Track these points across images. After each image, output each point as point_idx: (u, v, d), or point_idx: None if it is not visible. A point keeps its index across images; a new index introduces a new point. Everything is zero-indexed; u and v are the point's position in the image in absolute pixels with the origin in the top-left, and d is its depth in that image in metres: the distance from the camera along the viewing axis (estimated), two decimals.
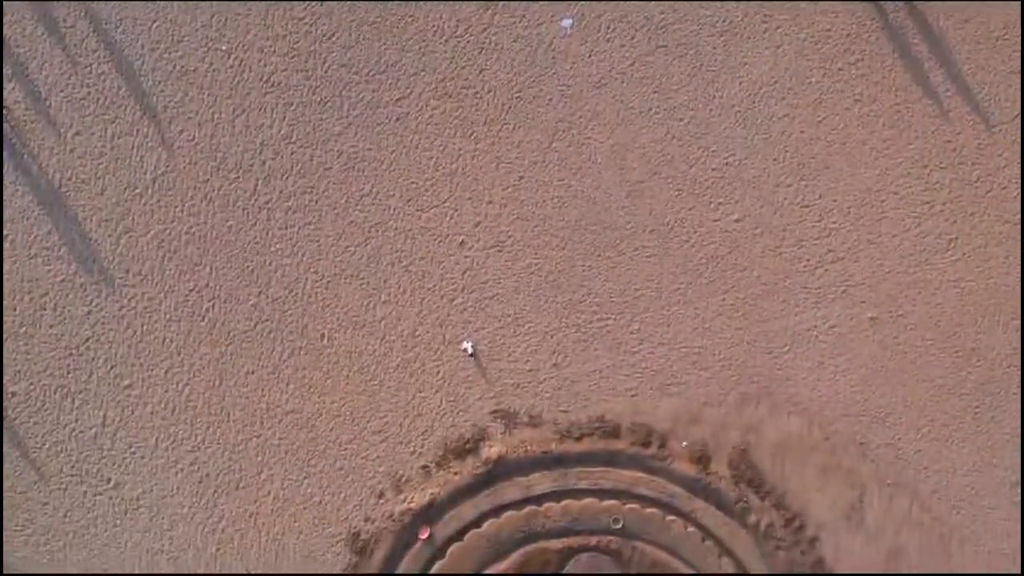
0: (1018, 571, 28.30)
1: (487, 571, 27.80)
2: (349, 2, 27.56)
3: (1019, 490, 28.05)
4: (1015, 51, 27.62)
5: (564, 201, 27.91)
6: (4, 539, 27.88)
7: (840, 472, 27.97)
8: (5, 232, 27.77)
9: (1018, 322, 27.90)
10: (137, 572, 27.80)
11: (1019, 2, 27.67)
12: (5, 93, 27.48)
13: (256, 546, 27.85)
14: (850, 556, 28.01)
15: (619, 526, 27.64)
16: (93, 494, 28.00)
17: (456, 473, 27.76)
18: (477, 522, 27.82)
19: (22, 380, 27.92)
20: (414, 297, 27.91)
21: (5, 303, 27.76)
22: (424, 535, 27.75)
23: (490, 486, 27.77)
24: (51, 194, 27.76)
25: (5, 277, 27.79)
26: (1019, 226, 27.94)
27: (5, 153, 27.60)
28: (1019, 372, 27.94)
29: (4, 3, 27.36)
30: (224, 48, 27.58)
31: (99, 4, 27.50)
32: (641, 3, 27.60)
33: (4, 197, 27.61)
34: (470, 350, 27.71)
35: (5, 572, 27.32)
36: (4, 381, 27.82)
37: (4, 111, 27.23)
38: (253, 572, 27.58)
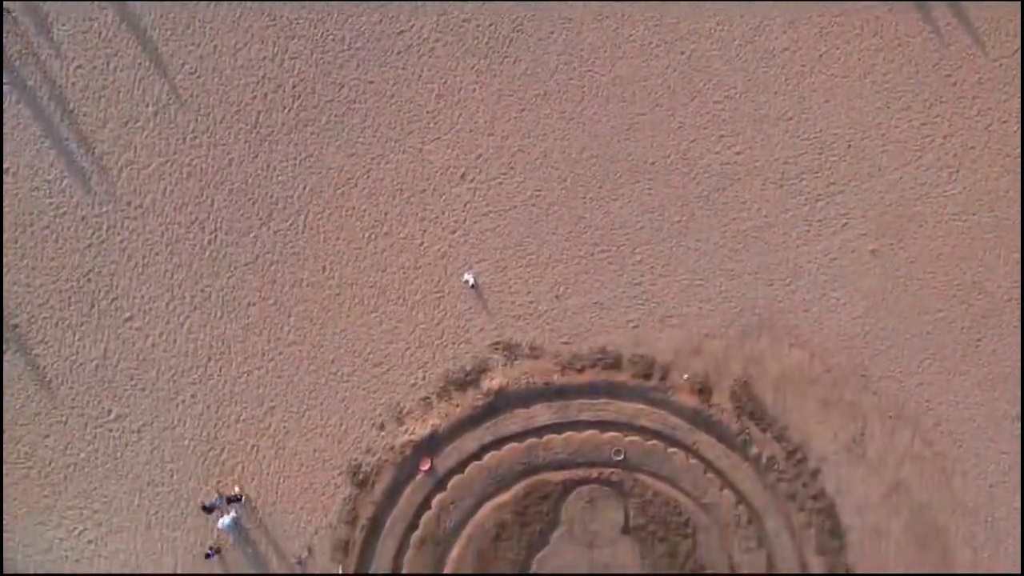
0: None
1: (488, 503, 27.76)
2: None
3: (1020, 424, 28.02)
4: None
5: (565, 134, 27.92)
6: (4, 470, 27.85)
7: (841, 405, 27.94)
8: (7, 165, 27.79)
9: (1018, 255, 27.90)
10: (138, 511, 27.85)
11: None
12: (5, 29, 27.53)
13: (257, 478, 27.81)
14: (851, 489, 27.95)
15: (620, 458, 27.59)
16: (94, 426, 27.95)
17: (457, 405, 27.73)
18: (478, 454, 27.78)
19: (23, 313, 27.90)
20: (415, 229, 27.91)
21: (7, 236, 27.76)
22: (425, 467, 27.69)
23: (491, 418, 27.73)
24: (53, 127, 27.77)
25: (7, 210, 27.81)
26: (1019, 160, 27.96)
27: (6, 87, 27.63)
28: (1019, 306, 27.94)
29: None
30: None
31: None
32: None
33: (5, 131, 27.63)
34: (471, 282, 27.68)
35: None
36: (5, 314, 27.80)
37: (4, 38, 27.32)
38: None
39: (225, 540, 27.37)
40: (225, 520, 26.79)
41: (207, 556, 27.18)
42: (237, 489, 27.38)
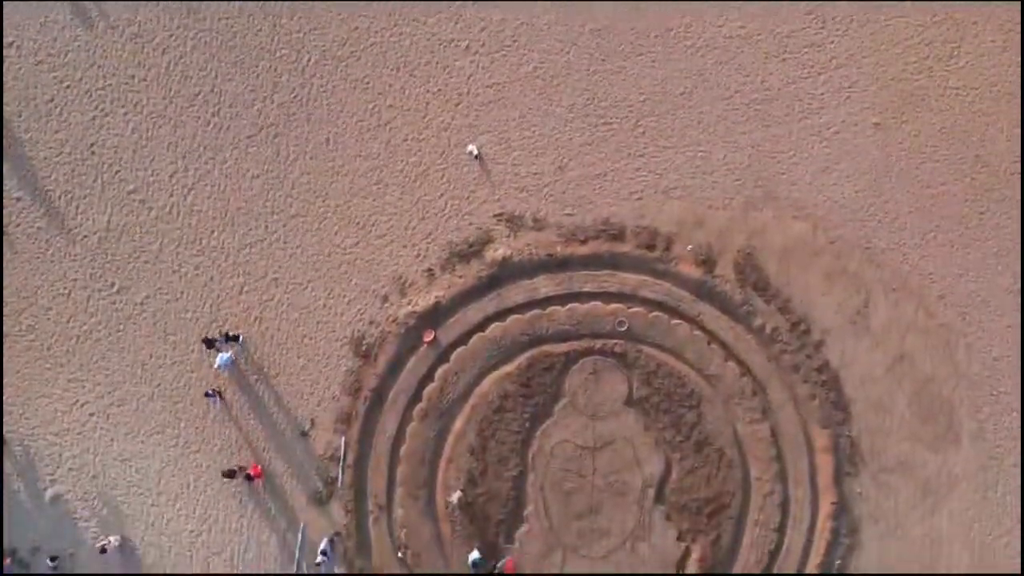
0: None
1: (491, 374, 27.69)
2: None
3: (1020, 299, 28.01)
4: None
5: (569, 6, 27.97)
6: (5, 346, 27.80)
7: (845, 277, 27.92)
8: (9, 39, 27.84)
9: (1019, 130, 27.95)
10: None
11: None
12: None
13: (259, 350, 27.75)
14: (855, 361, 27.91)
15: (624, 329, 27.54)
16: (96, 299, 27.92)
17: (461, 276, 27.70)
18: (481, 326, 27.72)
19: (26, 186, 27.90)
20: (419, 101, 27.94)
21: (9, 110, 27.79)
22: (428, 339, 27.64)
23: (494, 290, 27.70)
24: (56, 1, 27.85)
25: (9, 84, 27.85)
26: (1019, 35, 28.01)
27: None
28: (1020, 179, 27.96)
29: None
30: None
31: None
32: None
33: (6, 10, 27.70)
34: (475, 153, 27.69)
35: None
36: (8, 188, 27.80)
37: None
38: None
39: (223, 381, 27.26)
40: (223, 356, 26.67)
41: (207, 395, 27.05)
42: (239, 331, 27.32)
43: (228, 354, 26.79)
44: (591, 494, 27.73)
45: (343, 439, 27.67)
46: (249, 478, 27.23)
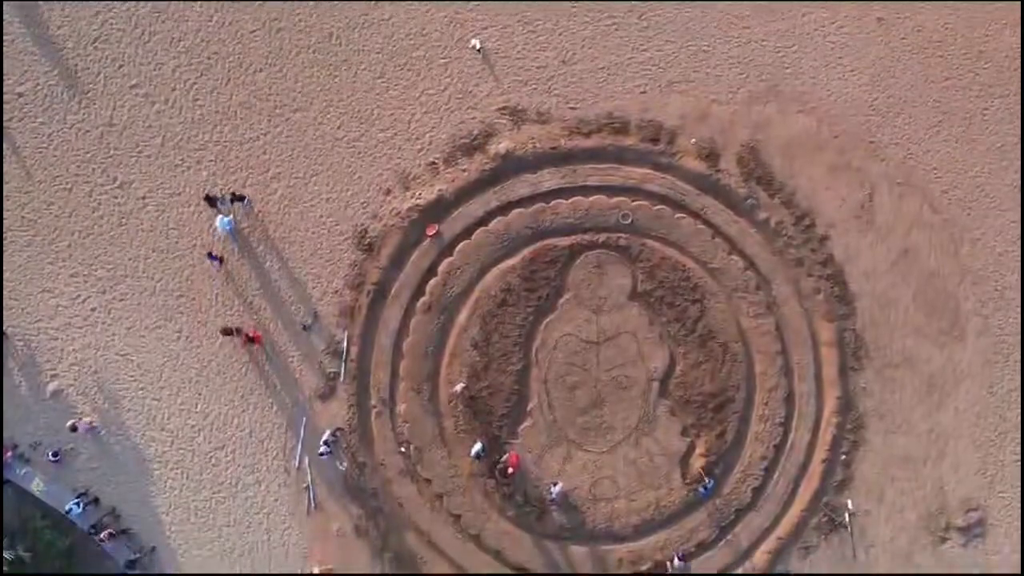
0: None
1: (495, 268, 27.58)
2: None
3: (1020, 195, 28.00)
4: None
5: None
6: (7, 240, 27.67)
7: (849, 171, 27.86)
8: None
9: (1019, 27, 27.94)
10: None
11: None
12: None
13: (263, 244, 27.61)
14: (860, 256, 27.83)
15: (628, 222, 27.45)
16: (99, 194, 27.79)
17: (464, 170, 27.61)
18: (485, 219, 27.62)
19: (28, 80, 27.78)
20: None
21: (10, 5, 27.68)
22: (432, 232, 27.54)
23: (498, 183, 27.61)
24: None
25: None
26: None
27: None
28: (1019, 75, 27.94)
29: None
30: None
31: None
32: None
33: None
34: (478, 47, 27.62)
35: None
36: (10, 83, 27.69)
37: None
38: None
39: (224, 244, 27.16)
40: (223, 219, 26.50)
41: (209, 256, 26.86)
42: (244, 190, 27.16)
43: (228, 217, 26.63)
44: (595, 388, 27.61)
45: (346, 333, 27.55)
46: (249, 340, 27.02)
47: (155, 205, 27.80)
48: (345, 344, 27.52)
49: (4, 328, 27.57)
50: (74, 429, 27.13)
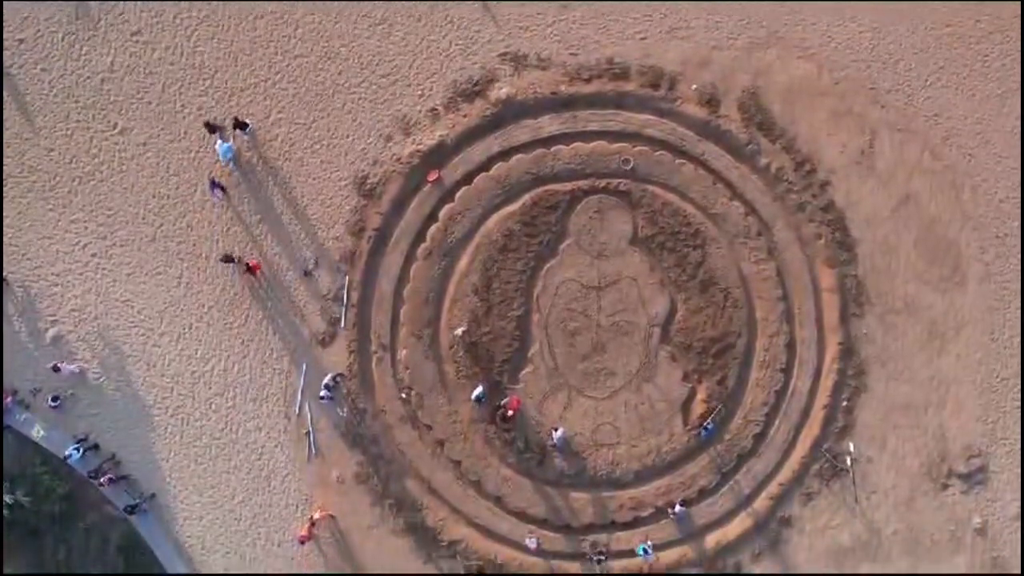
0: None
1: (496, 213, 27.56)
2: None
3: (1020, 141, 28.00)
4: None
5: None
6: (7, 187, 27.63)
7: (850, 117, 27.85)
8: None
9: None
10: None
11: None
12: None
13: (263, 188, 27.58)
14: (861, 202, 27.83)
15: (629, 168, 27.43)
16: (99, 140, 27.76)
17: (465, 116, 27.59)
18: (485, 165, 27.60)
19: (29, 27, 27.75)
20: None
21: None
22: (432, 178, 27.53)
23: (499, 129, 27.59)
24: None
25: None
26: None
27: None
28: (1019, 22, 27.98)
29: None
30: None
31: None
32: None
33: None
34: None
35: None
36: (10, 29, 27.65)
37: None
38: None
39: (225, 171, 27.12)
40: (223, 145, 26.44)
41: (211, 184, 26.73)
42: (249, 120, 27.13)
43: (229, 143, 26.60)
44: (596, 334, 27.57)
45: (346, 279, 27.52)
46: (249, 269, 26.96)
47: (155, 151, 27.77)
48: (346, 290, 27.50)
49: (4, 274, 27.53)
50: (56, 370, 26.99)
